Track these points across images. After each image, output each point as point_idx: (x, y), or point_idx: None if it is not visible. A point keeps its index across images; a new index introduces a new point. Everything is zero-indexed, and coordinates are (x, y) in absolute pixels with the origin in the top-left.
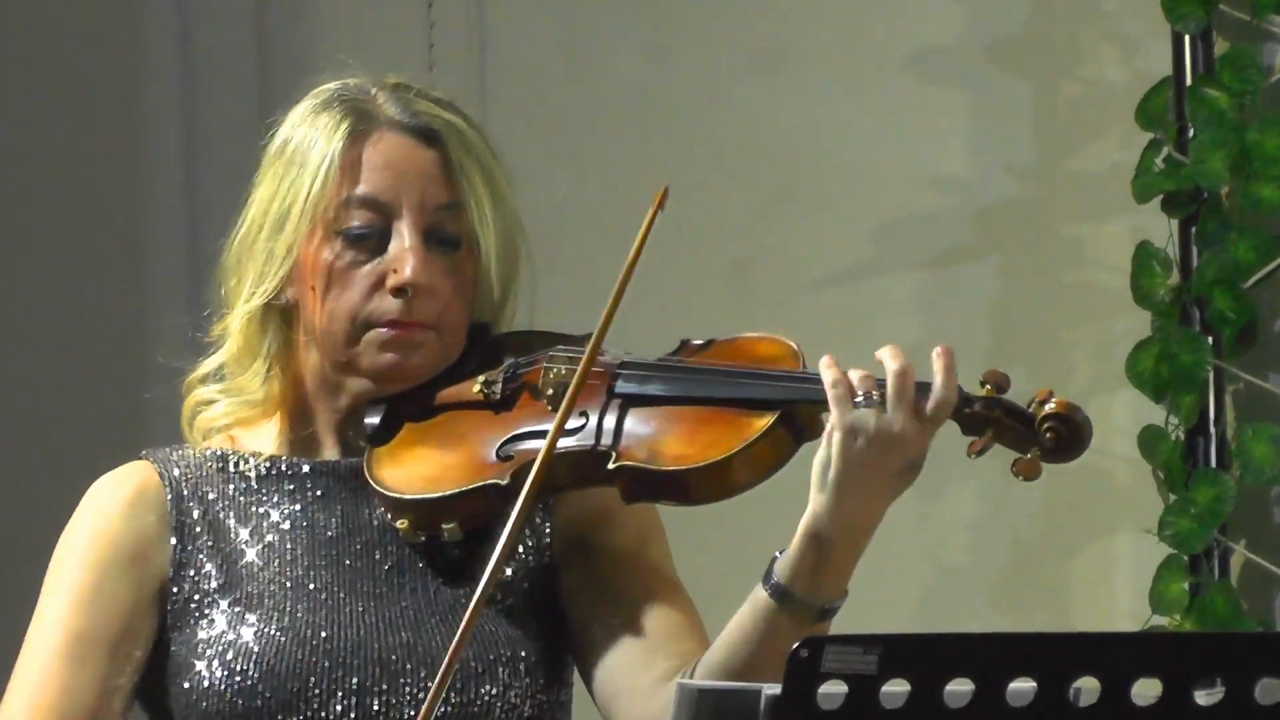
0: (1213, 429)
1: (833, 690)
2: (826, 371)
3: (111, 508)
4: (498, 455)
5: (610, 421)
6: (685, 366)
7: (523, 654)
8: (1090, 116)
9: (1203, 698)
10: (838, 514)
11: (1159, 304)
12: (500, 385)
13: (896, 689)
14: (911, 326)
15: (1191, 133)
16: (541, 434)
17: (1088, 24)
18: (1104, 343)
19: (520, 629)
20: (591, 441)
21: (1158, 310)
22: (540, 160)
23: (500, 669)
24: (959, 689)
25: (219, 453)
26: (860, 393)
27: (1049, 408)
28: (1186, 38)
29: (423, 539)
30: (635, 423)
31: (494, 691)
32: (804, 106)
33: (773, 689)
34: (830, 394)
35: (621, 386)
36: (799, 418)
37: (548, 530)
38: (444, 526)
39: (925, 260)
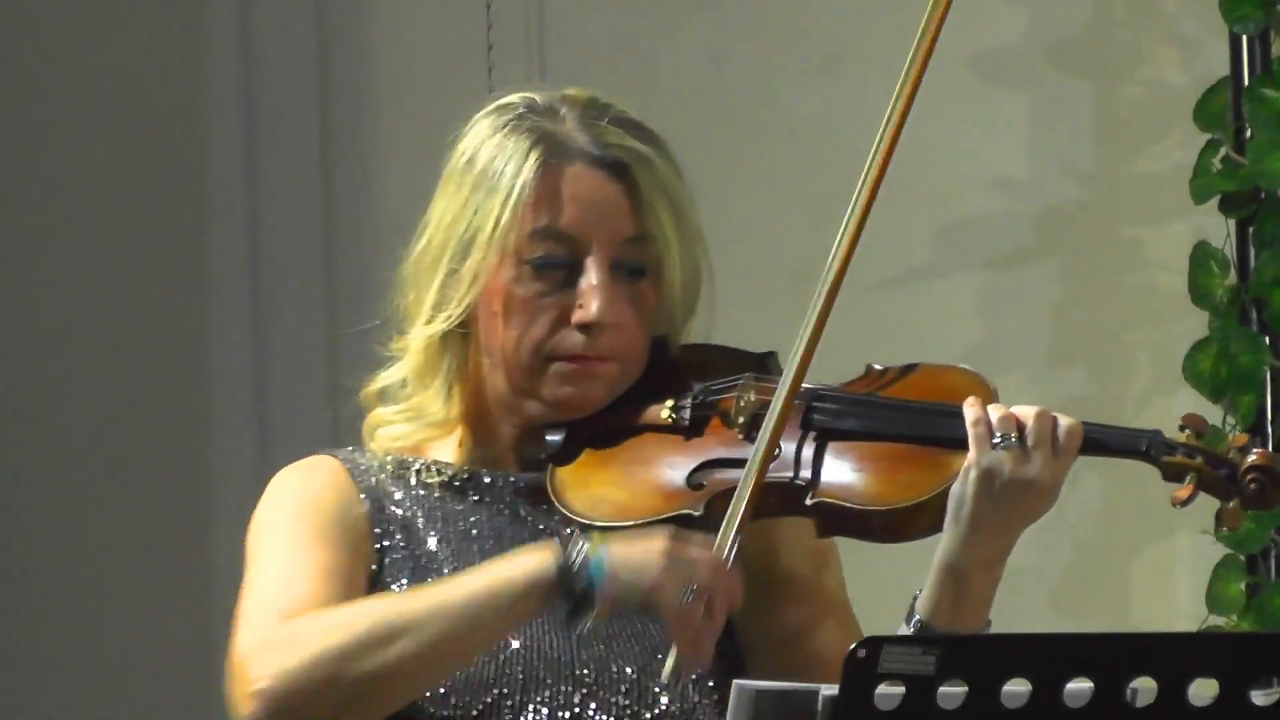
0: (1270, 429)
1: (890, 691)
2: (969, 410)
3: (314, 485)
4: (689, 483)
5: (807, 454)
6: (879, 401)
7: (712, 663)
8: (1149, 118)
9: (1260, 698)
10: (972, 549)
11: (1217, 304)
12: (690, 410)
13: (954, 690)
14: (973, 329)
15: (1249, 133)
16: (735, 463)
17: (1147, 26)
18: (1163, 343)
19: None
20: (790, 474)
21: (1215, 310)
22: None
23: (695, 675)
24: (1016, 689)
25: (403, 460)
26: (999, 434)
27: (1251, 459)
28: (1244, 39)
29: None
30: (832, 457)
31: (686, 696)
32: (862, 109)
33: (830, 689)
34: (970, 433)
35: (817, 419)
36: None
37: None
38: None
39: (985, 262)
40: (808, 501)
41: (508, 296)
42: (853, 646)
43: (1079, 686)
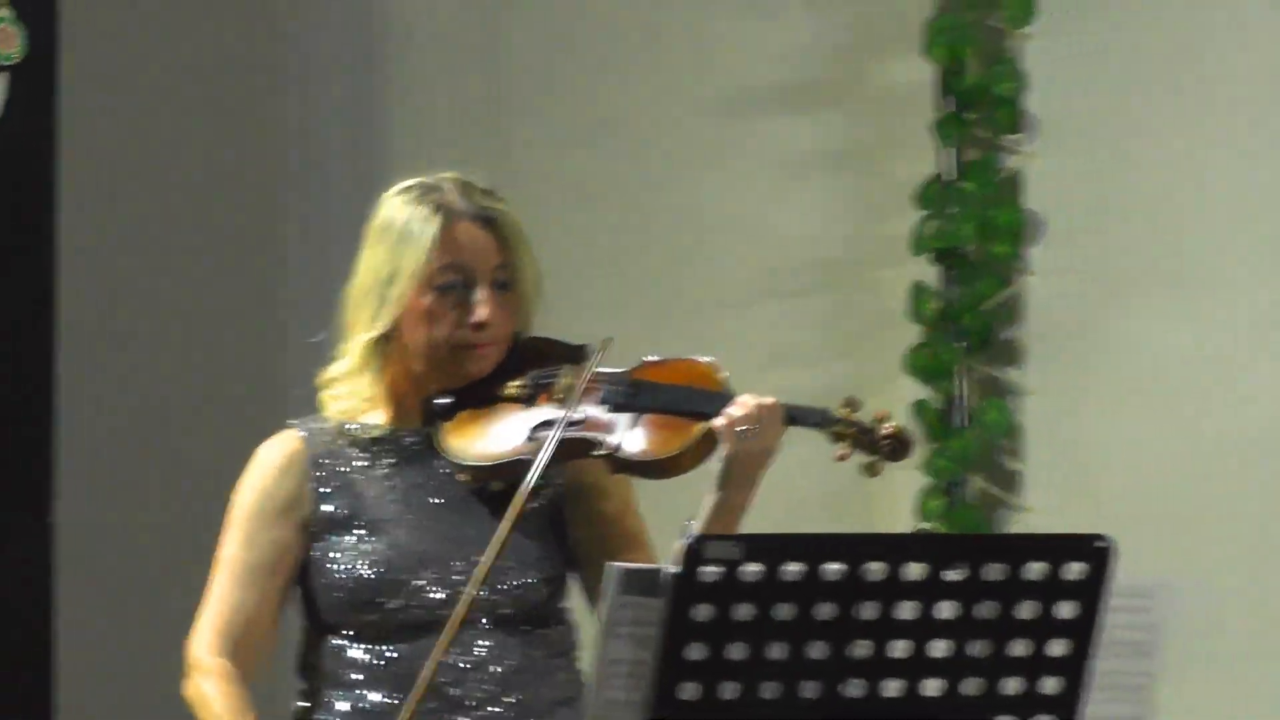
0: (962, 402)
1: (711, 570)
2: (734, 410)
3: (269, 468)
4: (528, 437)
5: (601, 418)
6: (649, 383)
7: (535, 558)
8: (887, 199)
9: (951, 575)
10: (731, 495)
11: (929, 321)
12: (529, 389)
13: (752, 568)
14: (771, 337)
15: (951, 210)
16: (556, 423)
17: (888, 145)
18: (895, 347)
19: (536, 542)
20: (586, 433)
21: (927, 325)
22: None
23: (522, 567)
24: (793, 568)
25: (345, 424)
26: (745, 426)
27: (885, 429)
28: (949, 149)
29: (476, 486)
30: (616, 421)
31: (516, 581)
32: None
33: (673, 568)
34: (731, 431)
35: (607, 394)
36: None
37: (560, 483)
38: (491, 482)
39: (780, 293)
40: (599, 451)
41: (425, 310)
42: (687, 539)
43: (833, 567)
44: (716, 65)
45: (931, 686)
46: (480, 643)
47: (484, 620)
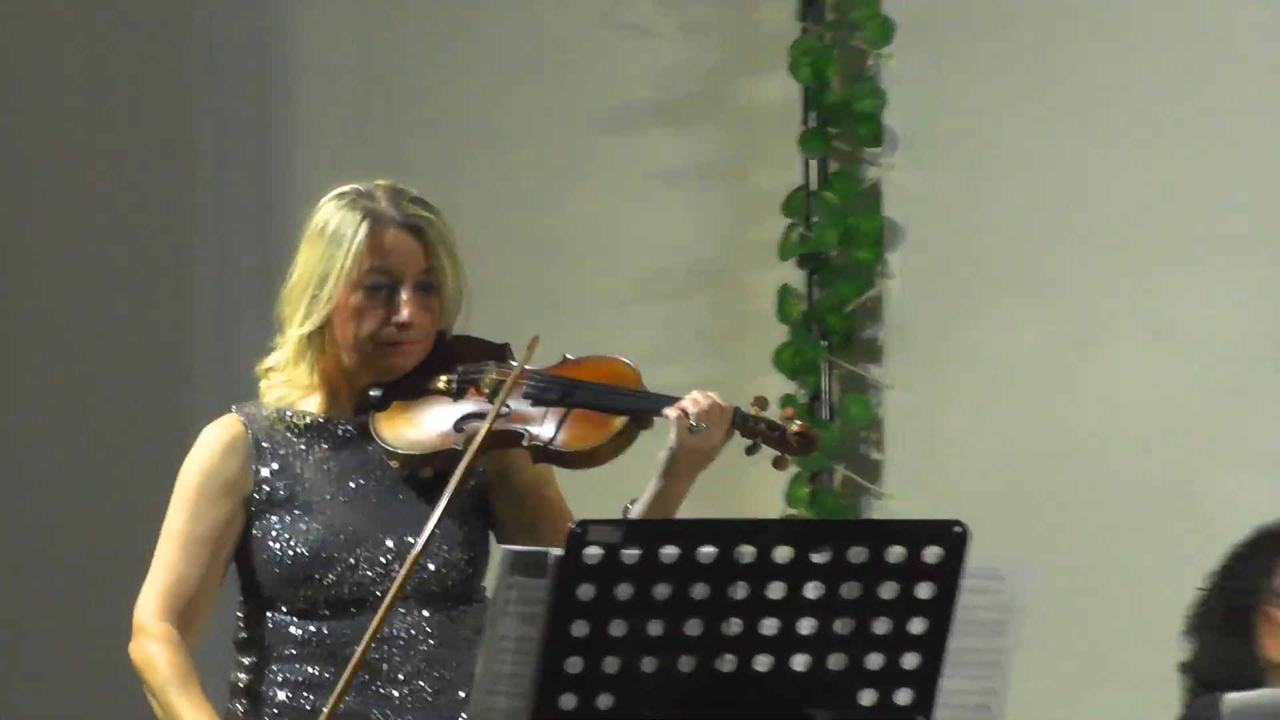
0: (826, 397)
1: (593, 552)
2: (688, 405)
3: (214, 448)
4: (454, 428)
5: (525, 411)
6: (571, 380)
7: (460, 540)
8: (756, 209)
9: (817, 558)
10: (672, 486)
11: (795, 321)
12: (457, 383)
13: (631, 551)
14: (657, 338)
15: (816, 219)
16: (482, 415)
17: (756, 158)
18: (764, 346)
19: (462, 526)
20: (513, 425)
21: (794, 325)
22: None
23: (451, 548)
24: (669, 550)
25: (283, 411)
26: (694, 421)
27: (794, 427)
28: (813, 161)
29: (406, 473)
30: (540, 414)
31: (445, 561)
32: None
33: (558, 551)
34: (680, 423)
35: (532, 389)
36: (640, 422)
37: (483, 470)
38: (422, 469)
39: (662, 296)
40: (524, 443)
41: (353, 308)
42: (571, 525)
43: (707, 549)
44: (598, 84)
45: (799, 662)
46: (409, 619)
47: (413, 598)
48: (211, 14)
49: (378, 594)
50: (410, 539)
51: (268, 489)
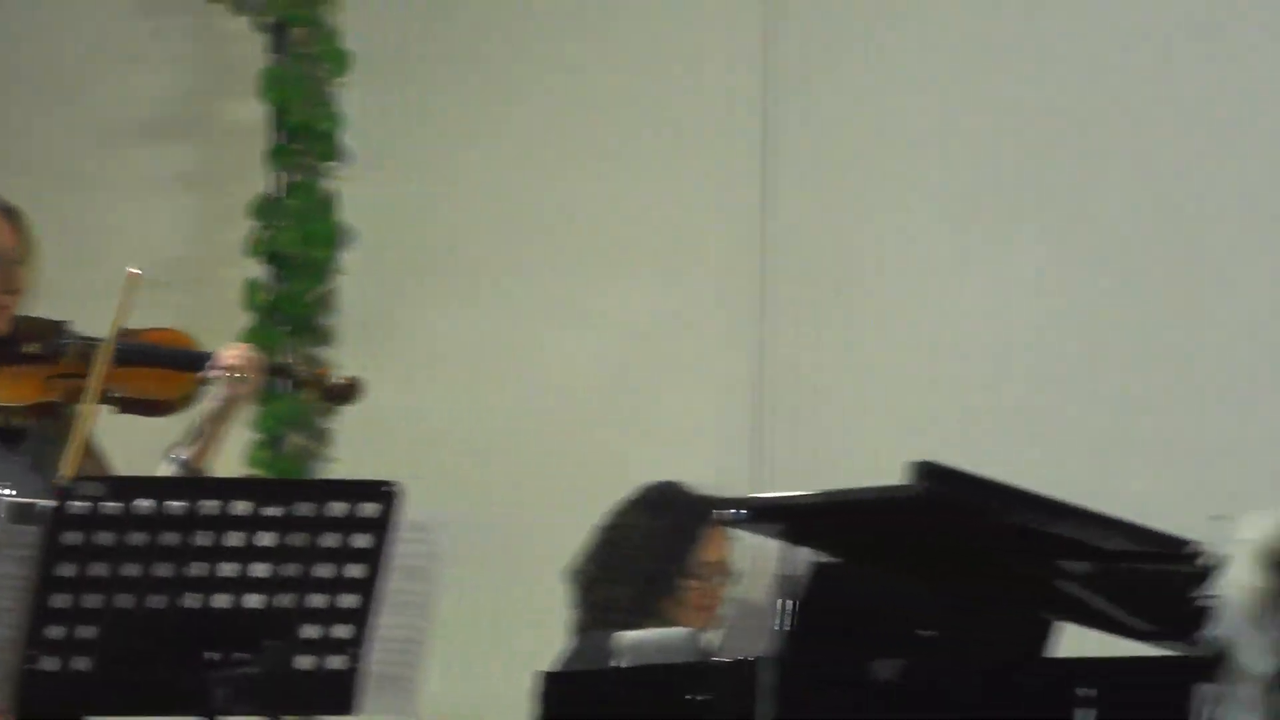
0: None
1: (78, 505)
2: (228, 357)
3: None
4: (48, 384)
5: (114, 370)
6: (150, 344)
7: (42, 487)
8: (228, 213)
9: (270, 511)
10: (215, 431)
11: (260, 310)
12: (51, 348)
13: (112, 505)
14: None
15: (280, 223)
16: (78, 375)
17: (230, 169)
18: (233, 332)
19: (32, 471)
20: (107, 382)
21: (259, 313)
22: None
23: (22, 492)
24: (144, 504)
25: None
26: (237, 372)
27: (339, 378)
28: (280, 173)
29: (4, 425)
30: (127, 372)
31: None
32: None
33: (49, 503)
34: (225, 376)
35: (121, 353)
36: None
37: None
38: (20, 421)
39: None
40: (114, 394)
41: None
42: (57, 480)
43: (176, 504)
44: (102, 104)
45: (253, 600)
46: None
47: None
48: None
49: None
50: (8, 492)
51: None
